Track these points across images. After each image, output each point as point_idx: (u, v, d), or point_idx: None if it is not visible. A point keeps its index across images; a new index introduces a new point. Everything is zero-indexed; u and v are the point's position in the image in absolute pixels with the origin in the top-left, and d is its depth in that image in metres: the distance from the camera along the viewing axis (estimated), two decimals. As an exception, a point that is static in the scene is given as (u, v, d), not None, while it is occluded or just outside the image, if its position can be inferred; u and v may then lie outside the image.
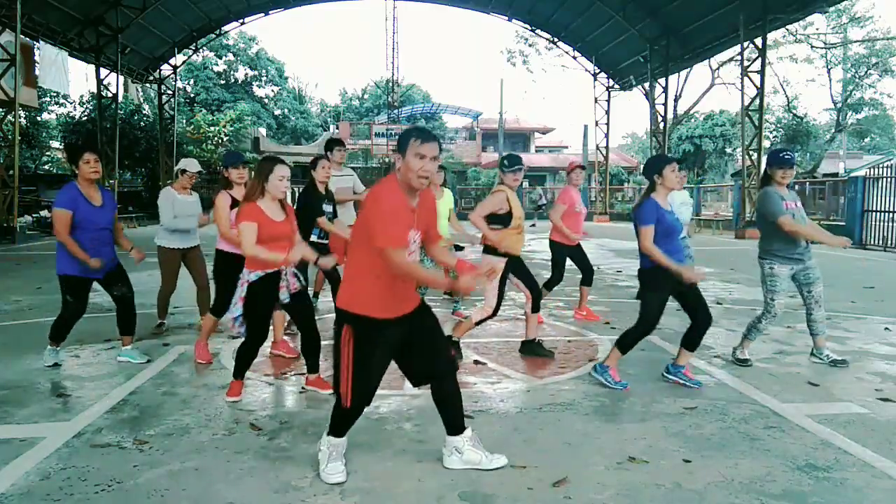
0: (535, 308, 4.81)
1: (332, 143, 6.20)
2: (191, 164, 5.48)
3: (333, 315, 5.88)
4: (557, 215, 5.96)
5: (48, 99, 31.77)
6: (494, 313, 4.58)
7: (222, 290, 4.43)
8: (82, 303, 4.41)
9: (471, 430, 2.90)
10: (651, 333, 4.03)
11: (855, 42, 33.73)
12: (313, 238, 5.30)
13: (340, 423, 2.80)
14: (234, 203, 4.41)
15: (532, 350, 4.82)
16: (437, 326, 2.87)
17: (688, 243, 6.34)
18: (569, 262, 6.16)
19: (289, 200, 3.81)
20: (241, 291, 3.60)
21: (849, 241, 4.55)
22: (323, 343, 3.94)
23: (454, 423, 2.87)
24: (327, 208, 5.29)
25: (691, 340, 4.07)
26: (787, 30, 29.00)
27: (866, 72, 34.43)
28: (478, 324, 4.63)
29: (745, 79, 19.15)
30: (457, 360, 2.84)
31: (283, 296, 3.64)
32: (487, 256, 4.57)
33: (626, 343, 4.03)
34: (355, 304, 2.64)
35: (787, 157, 4.49)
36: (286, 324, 5.05)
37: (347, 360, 2.64)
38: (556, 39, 27.37)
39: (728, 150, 36.83)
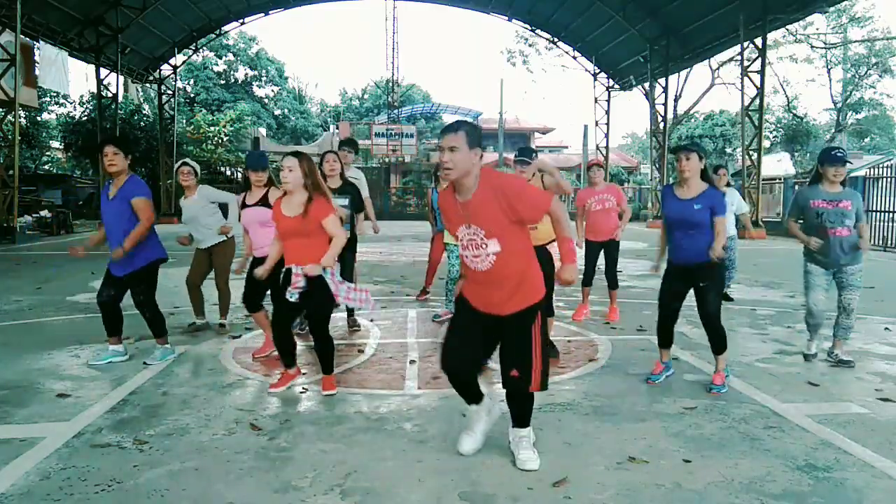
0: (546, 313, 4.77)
1: (342, 144, 6.10)
2: (178, 164, 5.53)
3: (340, 314, 5.89)
4: (577, 221, 6.09)
5: (48, 99, 31.76)
6: None
7: (247, 286, 4.56)
8: (104, 290, 4.43)
9: (525, 431, 2.94)
10: (665, 321, 4.09)
11: (855, 42, 33.73)
12: None
13: (452, 385, 3.00)
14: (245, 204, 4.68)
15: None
16: (510, 340, 2.82)
17: (733, 245, 7.00)
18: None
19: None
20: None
21: (817, 243, 4.42)
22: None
23: (512, 417, 2.98)
24: (341, 201, 5.19)
25: (711, 346, 4.04)
26: (787, 30, 28.97)
27: (866, 72, 34.43)
28: None
29: (745, 79, 19.15)
30: (515, 382, 2.82)
31: (290, 295, 3.66)
32: None
33: (658, 337, 4.18)
34: (461, 283, 2.95)
35: (838, 154, 4.38)
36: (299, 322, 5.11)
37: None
38: (556, 39, 27.35)
39: (728, 150, 36.78)
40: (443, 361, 2.91)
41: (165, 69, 26.13)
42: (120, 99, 23.46)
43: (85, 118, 27.56)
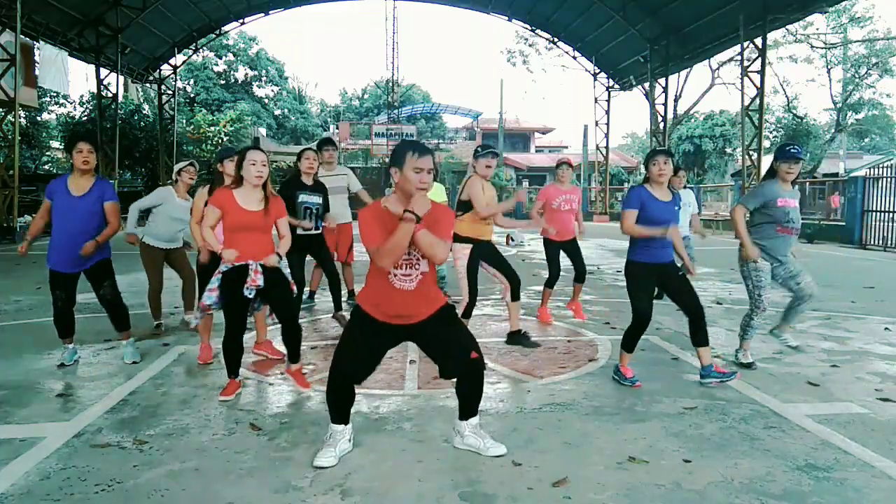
0: (515, 296, 4.86)
1: (320, 143, 6.20)
2: (179, 164, 5.50)
3: (330, 315, 5.95)
4: (534, 209, 6.10)
5: (48, 99, 31.74)
6: (472, 301, 4.71)
7: (204, 286, 4.49)
8: (62, 294, 4.38)
9: (478, 419, 3.06)
10: (646, 325, 3.97)
11: (855, 42, 33.72)
12: (300, 232, 5.25)
13: (327, 400, 2.96)
14: None
15: (517, 341, 4.83)
16: (449, 333, 2.93)
17: (690, 243, 6.68)
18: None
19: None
20: (214, 281, 3.71)
21: (757, 253, 4.38)
22: (324, 343, 3.93)
23: (463, 411, 3.04)
24: (313, 199, 5.26)
25: (696, 337, 4.01)
26: (787, 30, 28.98)
27: (866, 72, 34.42)
28: (466, 316, 4.73)
29: (745, 79, 19.14)
30: (477, 364, 2.90)
31: (247, 291, 3.63)
32: (455, 244, 4.70)
33: (626, 342, 4.06)
34: (360, 295, 2.97)
35: (792, 150, 4.33)
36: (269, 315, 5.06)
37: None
38: (556, 39, 27.34)
39: (728, 150, 36.81)
40: (336, 365, 2.87)
41: (165, 69, 26.12)
42: (120, 99, 23.45)
43: (85, 118, 27.55)
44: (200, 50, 35.02)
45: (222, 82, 44.08)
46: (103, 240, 4.31)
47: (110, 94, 22.32)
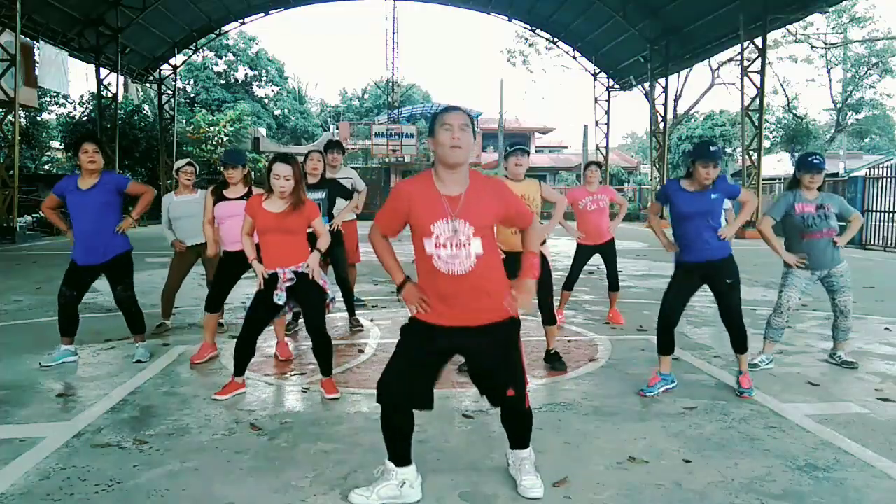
0: (545, 321, 4.61)
1: (331, 146, 6.20)
2: (178, 163, 5.55)
3: (341, 314, 5.92)
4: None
5: (48, 99, 31.74)
6: None
7: (215, 285, 4.59)
8: (67, 291, 4.45)
9: (526, 452, 2.71)
10: (666, 324, 3.90)
11: (855, 42, 33.73)
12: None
13: (383, 432, 2.60)
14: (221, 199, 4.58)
15: (548, 359, 4.72)
16: (499, 361, 2.53)
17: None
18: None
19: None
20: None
21: (795, 259, 4.43)
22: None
23: (511, 440, 2.73)
24: (315, 195, 5.26)
25: (735, 346, 3.95)
26: (787, 30, 28.98)
27: (866, 72, 34.46)
28: None
29: (745, 79, 19.13)
30: (514, 402, 2.58)
31: (278, 298, 3.64)
32: None
33: (657, 343, 3.99)
34: None
35: (814, 161, 4.34)
36: (291, 323, 5.05)
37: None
38: (556, 39, 27.33)
39: (728, 150, 36.79)
40: (382, 385, 2.52)
41: (165, 69, 26.10)
42: (120, 99, 23.44)
43: (85, 118, 27.52)
44: (200, 50, 35.01)
45: (222, 82, 44.04)
46: (142, 208, 4.60)
47: (110, 94, 22.32)
